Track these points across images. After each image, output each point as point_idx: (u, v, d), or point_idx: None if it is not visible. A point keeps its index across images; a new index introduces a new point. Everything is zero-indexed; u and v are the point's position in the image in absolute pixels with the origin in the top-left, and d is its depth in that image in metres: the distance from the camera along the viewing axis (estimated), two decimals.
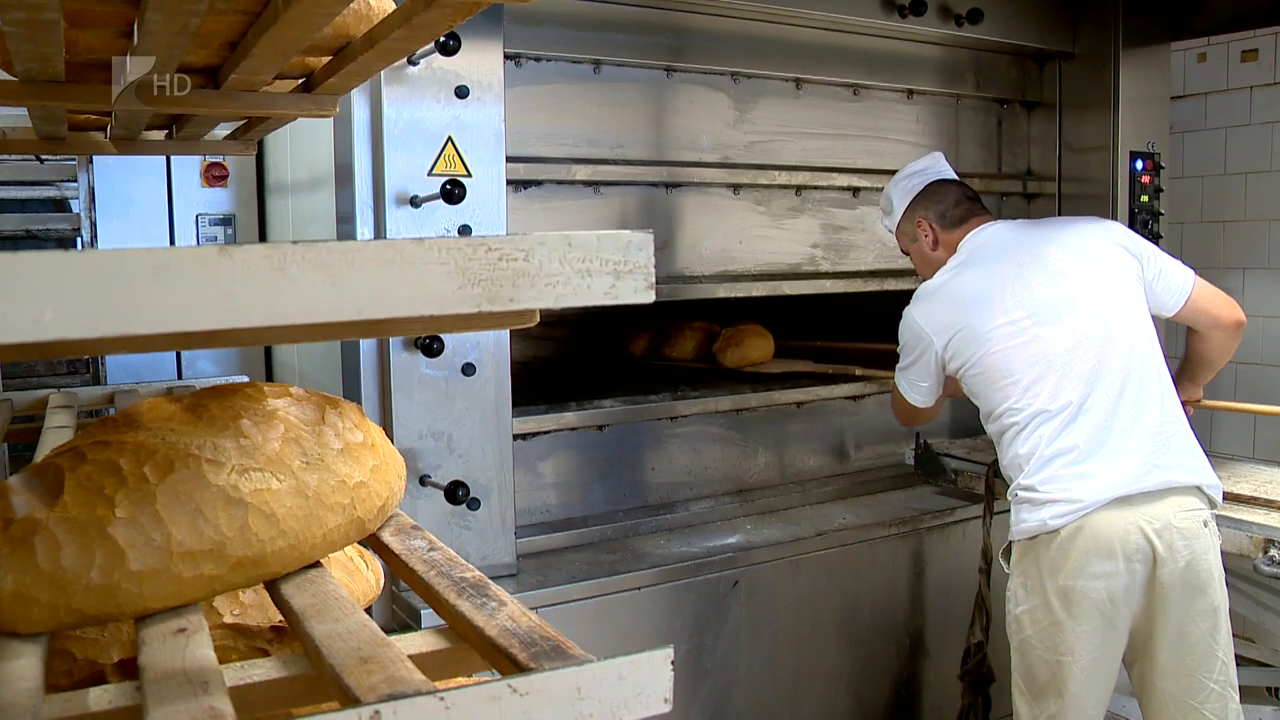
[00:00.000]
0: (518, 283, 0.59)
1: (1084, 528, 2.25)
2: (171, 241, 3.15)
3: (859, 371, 3.24)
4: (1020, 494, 2.36)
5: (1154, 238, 3.42)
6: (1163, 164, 3.44)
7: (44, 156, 2.98)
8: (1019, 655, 2.38)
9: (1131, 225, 3.37)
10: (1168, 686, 2.30)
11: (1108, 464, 2.29)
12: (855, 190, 3.18)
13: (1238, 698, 2.32)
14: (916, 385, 2.56)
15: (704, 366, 3.52)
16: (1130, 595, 2.26)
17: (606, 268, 0.61)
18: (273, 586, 0.89)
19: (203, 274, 0.55)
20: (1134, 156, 3.39)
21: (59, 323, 0.52)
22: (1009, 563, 2.42)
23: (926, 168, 2.70)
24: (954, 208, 2.60)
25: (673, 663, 0.68)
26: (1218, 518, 2.40)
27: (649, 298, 0.63)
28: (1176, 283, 2.49)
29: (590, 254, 0.61)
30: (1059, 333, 2.36)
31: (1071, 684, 2.28)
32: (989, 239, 2.53)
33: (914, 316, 2.53)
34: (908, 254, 2.73)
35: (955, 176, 2.69)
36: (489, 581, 0.86)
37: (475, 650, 0.79)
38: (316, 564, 0.92)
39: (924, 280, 2.61)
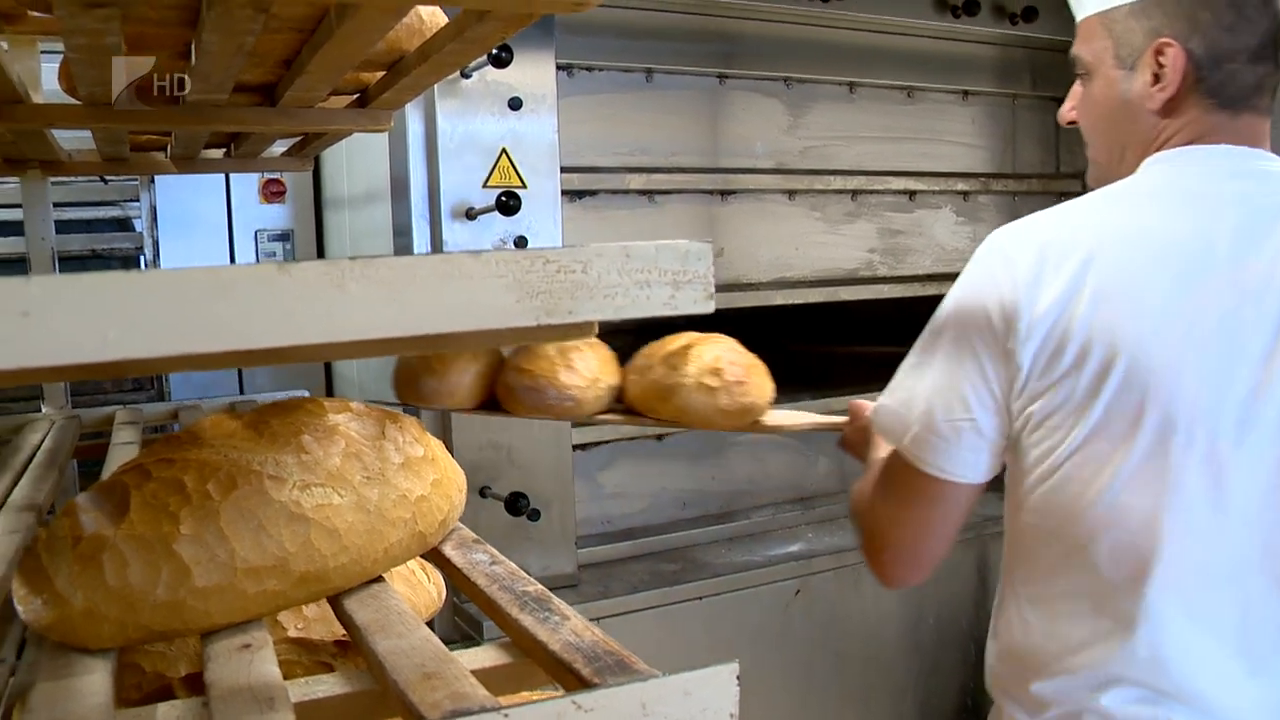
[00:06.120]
0: (576, 295, 0.58)
1: None
2: (231, 258, 3.19)
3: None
4: None
5: None
6: None
7: (107, 177, 3.03)
8: None
9: None
10: None
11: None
12: (911, 194, 3.14)
13: None
14: (950, 412, 1.27)
15: None
16: None
17: (665, 278, 0.60)
18: (335, 601, 0.90)
19: (262, 292, 0.55)
20: None
21: (122, 343, 0.53)
22: None
23: None
24: (1246, 64, 1.28)
25: (738, 677, 0.67)
26: None
27: (709, 308, 0.62)
28: None
29: (649, 264, 0.60)
30: (1237, 458, 1.19)
31: None
32: (1211, 190, 1.26)
33: (1016, 229, 1.31)
34: (1081, 70, 1.41)
35: None
36: (551, 595, 0.86)
37: (539, 665, 0.79)
38: (379, 579, 0.93)
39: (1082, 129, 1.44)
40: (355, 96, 1.45)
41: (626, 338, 1.51)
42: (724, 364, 1.46)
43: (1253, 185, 1.26)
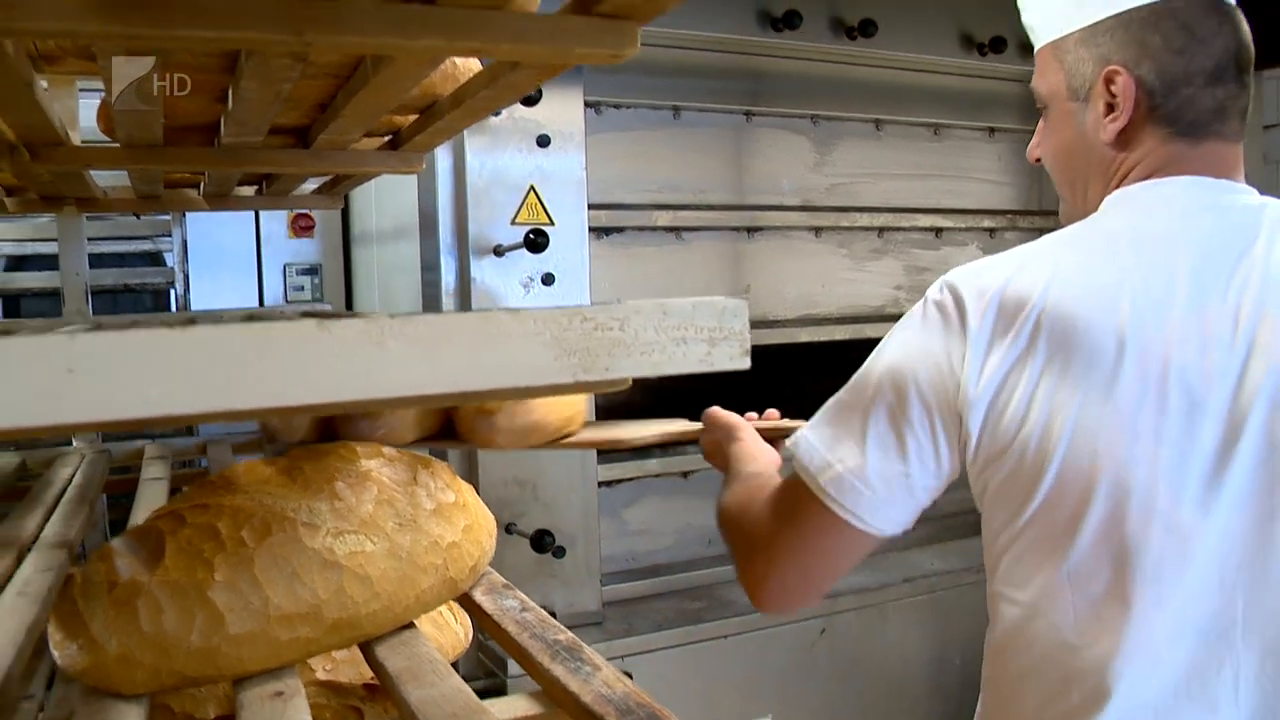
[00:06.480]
0: (613, 352, 0.59)
1: None
2: (260, 291, 3.21)
3: None
4: None
5: None
6: None
7: (140, 213, 3.06)
8: None
9: None
10: None
11: None
12: (938, 231, 3.15)
13: None
14: (885, 462, 1.17)
15: None
16: None
17: (702, 335, 0.61)
18: (367, 648, 0.90)
19: (302, 349, 0.55)
20: None
21: (164, 400, 0.53)
22: None
23: None
24: (1203, 88, 1.19)
25: None
26: None
27: (744, 364, 0.62)
28: None
29: (685, 321, 0.60)
30: (1205, 525, 1.10)
31: None
32: (1176, 230, 1.17)
33: (968, 274, 1.23)
34: (1039, 104, 1.37)
35: (1234, 1, 1.23)
36: (582, 644, 0.86)
37: (570, 716, 0.79)
38: (409, 624, 0.93)
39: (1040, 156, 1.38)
40: (387, 138, 1.46)
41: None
42: None
43: (1216, 220, 1.17)
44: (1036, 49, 1.34)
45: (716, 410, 1.58)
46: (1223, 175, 1.21)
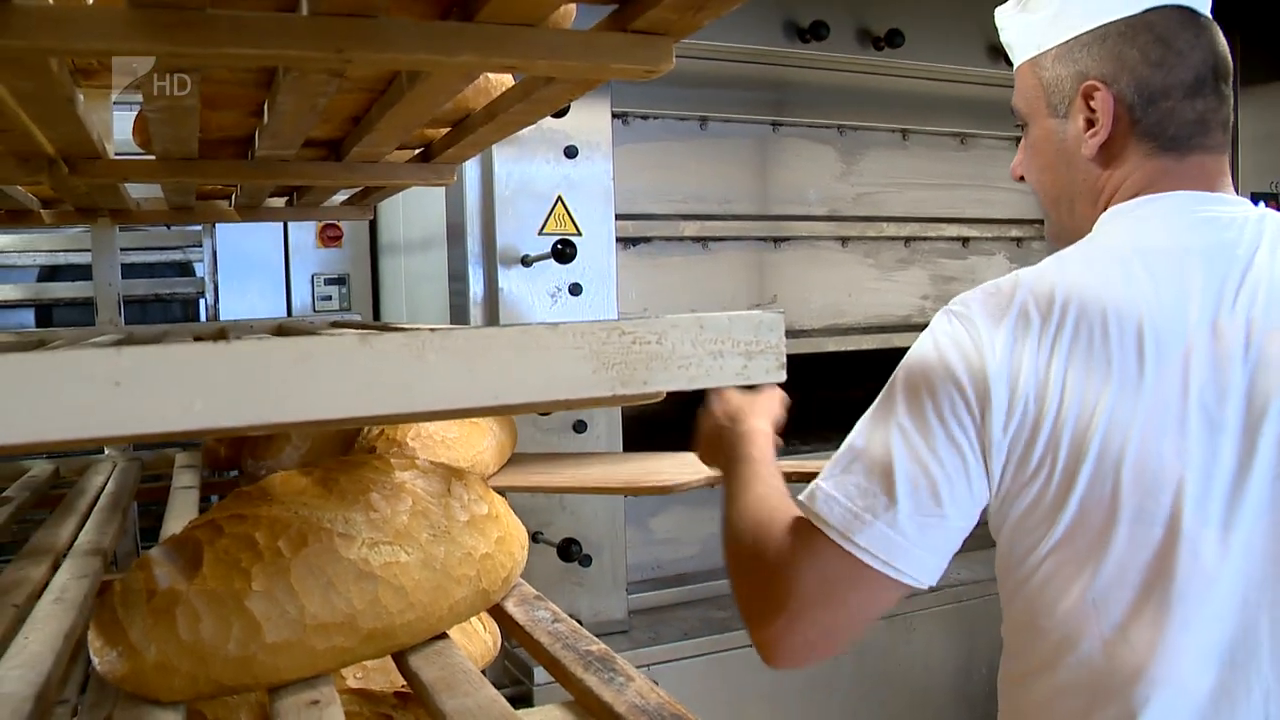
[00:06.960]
0: (651, 365, 0.59)
1: None
2: (288, 300, 3.23)
3: None
4: None
5: None
6: None
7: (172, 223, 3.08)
8: None
9: None
10: None
11: None
12: (965, 240, 3.14)
13: None
14: (918, 505, 1.10)
15: None
16: None
17: (738, 349, 0.61)
18: (400, 657, 0.90)
19: (343, 363, 0.56)
20: (1255, 198, 3.28)
21: (207, 412, 0.54)
22: None
23: None
24: (1183, 101, 1.19)
25: None
26: None
27: (780, 377, 0.63)
28: None
29: (722, 335, 0.61)
30: (1227, 541, 1.08)
31: None
32: (1166, 243, 1.16)
33: (975, 298, 1.18)
34: (1019, 121, 1.33)
35: (1209, 14, 1.24)
36: (614, 655, 0.86)
37: None
38: (443, 635, 0.93)
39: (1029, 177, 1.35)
40: (419, 151, 1.47)
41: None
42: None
43: (1214, 234, 1.15)
44: (1015, 67, 1.32)
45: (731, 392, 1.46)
46: (1212, 188, 1.21)
